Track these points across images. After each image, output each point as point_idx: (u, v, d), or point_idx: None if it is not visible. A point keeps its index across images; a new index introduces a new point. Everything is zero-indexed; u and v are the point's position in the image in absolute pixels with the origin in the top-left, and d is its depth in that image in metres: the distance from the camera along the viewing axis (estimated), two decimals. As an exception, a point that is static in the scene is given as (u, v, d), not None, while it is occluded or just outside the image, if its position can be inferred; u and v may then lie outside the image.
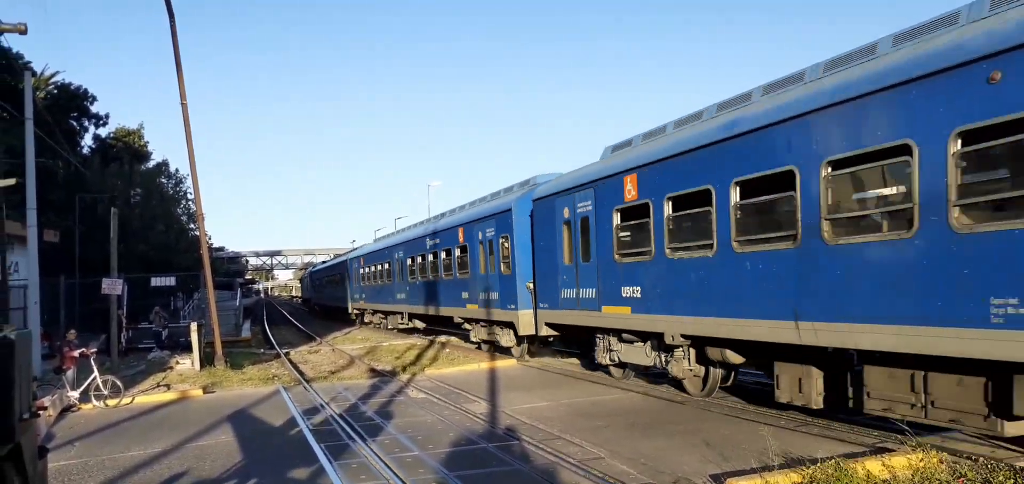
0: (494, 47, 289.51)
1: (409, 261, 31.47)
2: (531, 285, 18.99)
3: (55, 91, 47.36)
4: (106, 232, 24.19)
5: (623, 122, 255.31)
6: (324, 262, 74.55)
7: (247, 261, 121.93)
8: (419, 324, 33.33)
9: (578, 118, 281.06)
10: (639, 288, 13.73)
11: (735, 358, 12.25)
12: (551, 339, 20.56)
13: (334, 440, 11.31)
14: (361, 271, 42.78)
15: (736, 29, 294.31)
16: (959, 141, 7.86)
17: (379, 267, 37.89)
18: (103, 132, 54.78)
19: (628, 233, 14.19)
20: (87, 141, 53.50)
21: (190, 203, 57.99)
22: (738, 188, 11.00)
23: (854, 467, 7.99)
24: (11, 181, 11.84)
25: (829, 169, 9.38)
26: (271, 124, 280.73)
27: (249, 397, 16.45)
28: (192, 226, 58.05)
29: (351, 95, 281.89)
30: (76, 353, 16.43)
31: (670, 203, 12.64)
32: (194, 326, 22.85)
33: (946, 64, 8.05)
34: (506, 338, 21.58)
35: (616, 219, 14.41)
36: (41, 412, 10.46)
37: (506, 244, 20.57)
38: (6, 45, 36.11)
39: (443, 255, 26.60)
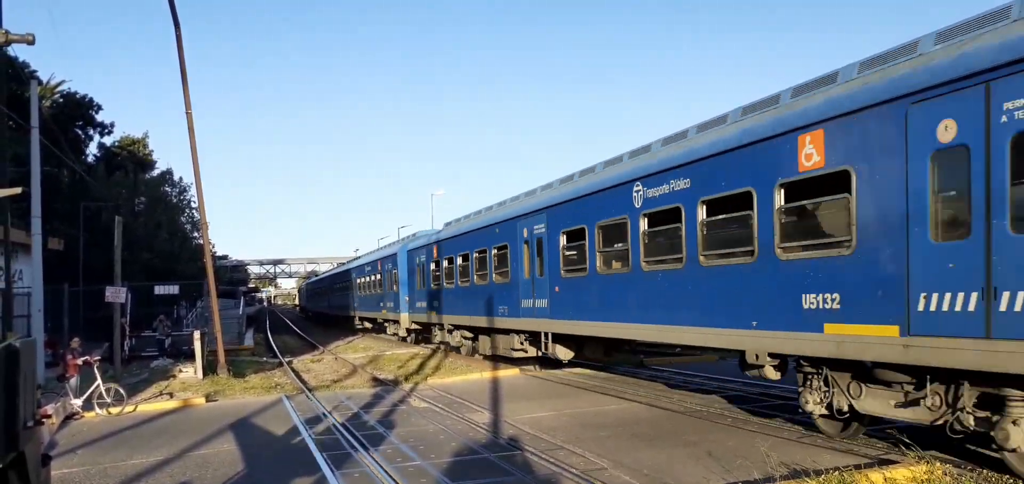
0: (500, 56, 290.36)
1: (359, 280, 43.85)
2: (408, 298, 32.80)
3: (61, 100, 47.59)
4: (110, 240, 24.25)
5: (629, 128, 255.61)
6: (316, 275, 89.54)
7: (250, 270, 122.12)
8: (367, 325, 43.49)
9: (581, 125, 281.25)
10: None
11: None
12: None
13: (336, 449, 11.30)
14: (358, 282, 47.74)
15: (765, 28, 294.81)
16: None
17: (368, 279, 44.71)
18: (108, 141, 55.02)
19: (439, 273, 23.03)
20: (92, 150, 53.73)
21: (194, 211, 58.17)
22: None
23: (858, 478, 7.97)
24: (17, 190, 11.86)
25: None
26: (274, 133, 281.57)
27: (252, 406, 16.45)
28: (196, 234, 58.23)
29: (355, 104, 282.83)
30: (79, 361, 16.45)
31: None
32: (197, 334, 22.89)
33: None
34: (396, 330, 34.86)
35: (432, 265, 24.82)
36: (44, 420, 10.48)
37: (395, 273, 34.94)
38: (12, 54, 36.28)
39: (376, 276, 39.45)
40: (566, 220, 16.95)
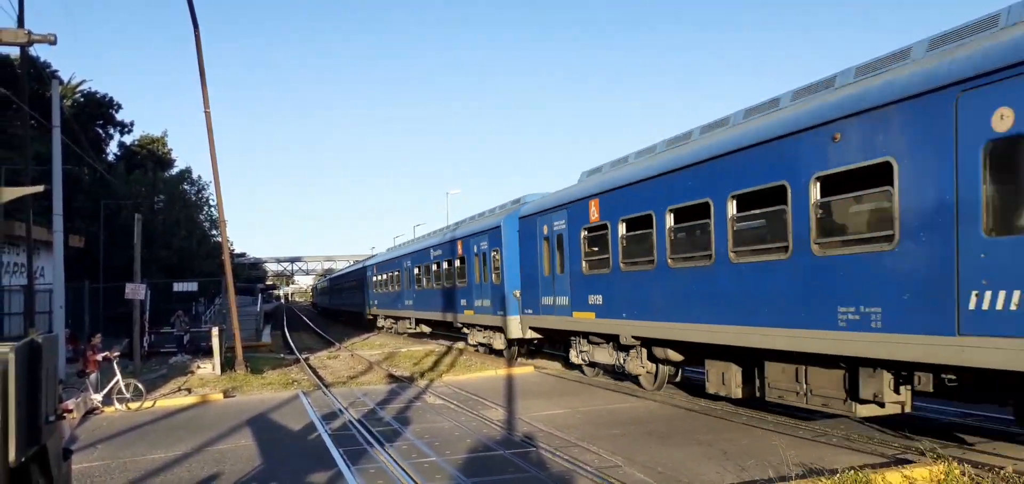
0: (516, 55, 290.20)
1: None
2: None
3: (82, 99, 48.18)
4: (130, 238, 24.54)
5: (642, 127, 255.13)
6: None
7: (268, 267, 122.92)
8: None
9: (599, 123, 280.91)
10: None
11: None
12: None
13: (352, 445, 11.38)
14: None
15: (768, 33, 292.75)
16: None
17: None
18: (128, 139, 55.67)
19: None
20: (112, 148, 54.38)
21: (212, 209, 58.67)
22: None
23: (874, 478, 7.92)
24: (40, 188, 12.02)
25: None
26: (292, 133, 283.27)
27: (269, 402, 16.59)
28: (214, 232, 58.71)
29: (372, 102, 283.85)
30: (99, 357, 16.66)
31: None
32: (215, 331, 23.10)
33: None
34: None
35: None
36: (66, 415, 10.64)
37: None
38: (34, 54, 36.76)
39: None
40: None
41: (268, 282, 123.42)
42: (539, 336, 20.96)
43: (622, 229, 14.78)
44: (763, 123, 11.18)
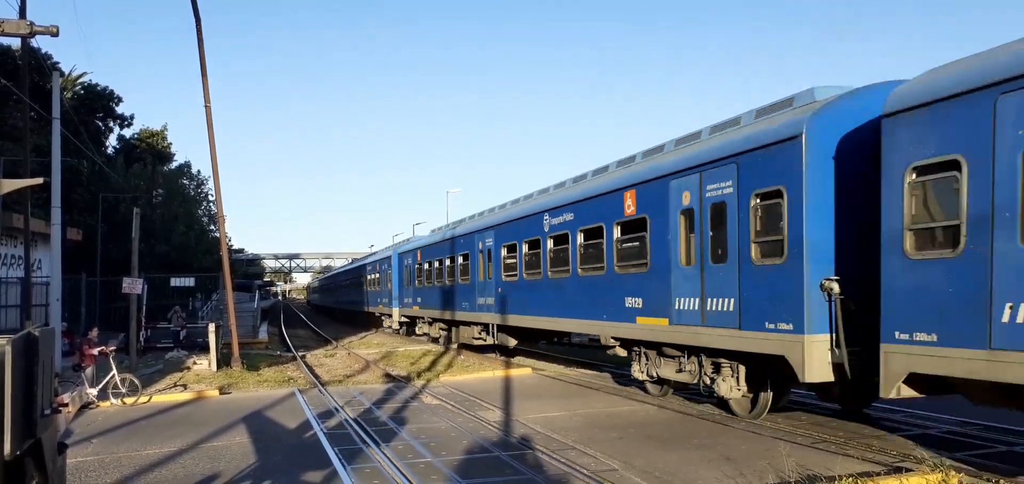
0: (517, 53, 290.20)
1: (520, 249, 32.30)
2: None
3: (82, 91, 48.09)
4: (128, 231, 24.50)
5: (644, 127, 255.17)
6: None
7: (266, 263, 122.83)
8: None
9: (595, 124, 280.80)
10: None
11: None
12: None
13: (348, 444, 11.34)
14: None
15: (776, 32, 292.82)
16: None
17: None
18: (128, 133, 55.57)
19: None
20: (112, 141, 54.30)
21: (211, 204, 58.61)
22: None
23: (872, 486, 7.89)
24: (39, 181, 11.97)
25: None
26: (292, 128, 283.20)
27: (265, 399, 16.54)
28: (212, 228, 58.65)
29: (372, 100, 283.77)
30: (95, 351, 16.61)
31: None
32: (212, 327, 23.05)
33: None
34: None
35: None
36: (61, 408, 10.58)
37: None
38: (35, 45, 36.71)
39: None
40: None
41: (266, 279, 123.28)
42: (406, 319, 34.85)
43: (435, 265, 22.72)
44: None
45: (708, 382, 12.96)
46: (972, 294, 8.04)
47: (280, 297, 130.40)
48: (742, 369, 12.24)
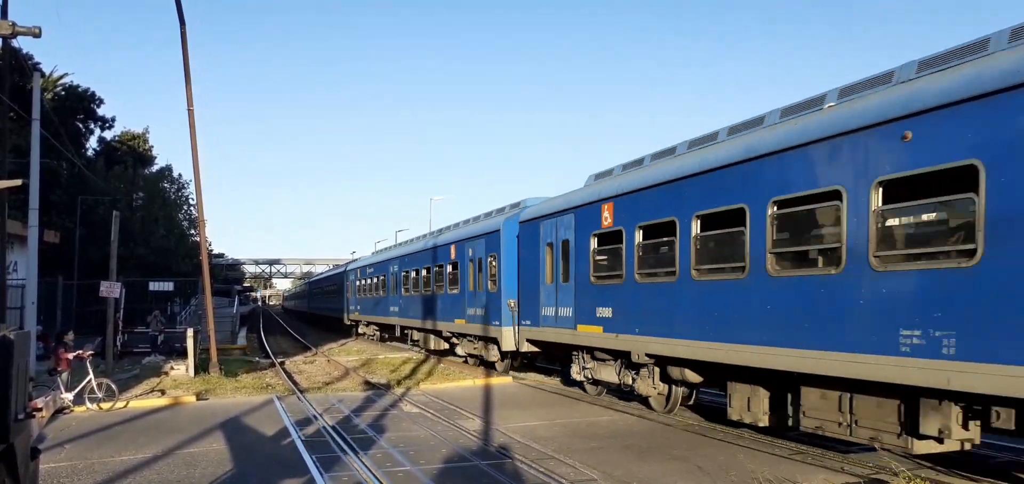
0: (500, 61, 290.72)
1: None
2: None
3: (63, 93, 47.61)
4: (106, 234, 24.22)
5: (629, 140, 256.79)
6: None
7: (246, 269, 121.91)
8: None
9: (584, 134, 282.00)
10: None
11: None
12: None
13: (326, 452, 11.28)
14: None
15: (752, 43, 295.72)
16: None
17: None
18: (108, 135, 55.06)
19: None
20: (92, 143, 53.79)
21: (192, 208, 58.14)
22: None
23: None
24: (17, 182, 11.85)
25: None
26: (273, 133, 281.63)
27: (242, 405, 16.41)
28: (193, 232, 58.16)
29: (355, 106, 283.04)
30: (71, 355, 16.41)
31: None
32: (190, 332, 22.84)
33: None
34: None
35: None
36: (35, 413, 10.45)
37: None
38: (16, 45, 36.34)
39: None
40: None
41: (245, 284, 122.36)
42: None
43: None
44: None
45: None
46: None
47: (260, 303, 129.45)
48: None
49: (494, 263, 21.00)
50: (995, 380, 7.43)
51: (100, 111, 51.66)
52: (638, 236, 13.73)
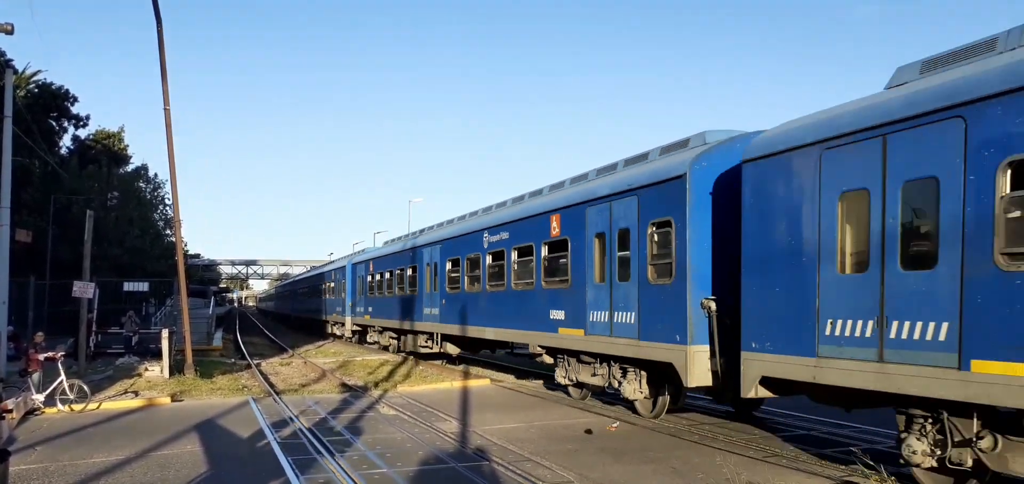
0: (480, 63, 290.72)
1: (451, 263, 23.80)
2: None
3: (36, 90, 46.86)
4: (80, 234, 23.91)
5: (608, 143, 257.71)
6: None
7: (222, 270, 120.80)
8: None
9: (563, 138, 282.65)
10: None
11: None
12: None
13: (302, 454, 11.21)
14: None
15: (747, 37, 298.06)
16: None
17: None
18: (83, 133, 54.29)
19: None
20: (66, 141, 52.98)
21: (168, 208, 57.53)
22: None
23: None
24: None
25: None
26: (250, 133, 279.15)
27: (217, 407, 16.26)
28: (168, 232, 57.55)
29: (332, 108, 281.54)
30: (42, 356, 16.17)
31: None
32: (165, 333, 22.59)
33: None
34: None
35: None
36: (5, 415, 10.28)
37: (664, 235, 13.12)
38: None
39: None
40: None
41: (222, 285, 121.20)
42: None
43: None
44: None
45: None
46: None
47: (236, 304, 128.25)
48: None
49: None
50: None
51: (74, 109, 50.93)
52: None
